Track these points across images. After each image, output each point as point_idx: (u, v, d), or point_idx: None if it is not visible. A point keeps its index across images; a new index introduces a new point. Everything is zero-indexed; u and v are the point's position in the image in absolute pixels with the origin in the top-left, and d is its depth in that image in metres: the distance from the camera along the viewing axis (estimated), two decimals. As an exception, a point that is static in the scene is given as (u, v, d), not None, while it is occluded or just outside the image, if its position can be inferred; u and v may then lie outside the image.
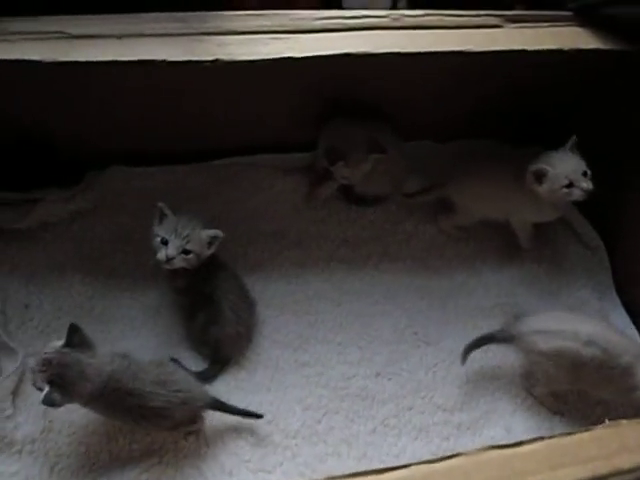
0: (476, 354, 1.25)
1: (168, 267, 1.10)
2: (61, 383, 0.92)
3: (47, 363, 0.93)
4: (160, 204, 1.11)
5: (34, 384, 0.94)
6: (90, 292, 1.24)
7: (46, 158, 1.21)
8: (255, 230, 1.34)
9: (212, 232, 1.12)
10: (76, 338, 0.96)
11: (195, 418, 1.09)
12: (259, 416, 1.11)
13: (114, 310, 1.23)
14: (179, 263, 1.10)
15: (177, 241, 1.08)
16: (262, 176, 1.38)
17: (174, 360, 1.18)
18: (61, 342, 0.95)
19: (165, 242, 1.09)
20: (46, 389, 0.91)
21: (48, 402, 0.92)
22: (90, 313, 1.22)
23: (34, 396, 1.11)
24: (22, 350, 1.13)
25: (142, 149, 1.30)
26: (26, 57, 0.99)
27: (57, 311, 1.21)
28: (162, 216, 1.12)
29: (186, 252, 1.09)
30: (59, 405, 0.93)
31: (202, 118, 1.24)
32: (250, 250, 1.32)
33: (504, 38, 1.12)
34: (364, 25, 1.09)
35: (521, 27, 1.14)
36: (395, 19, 1.10)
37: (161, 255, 1.09)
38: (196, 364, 1.20)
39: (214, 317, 1.16)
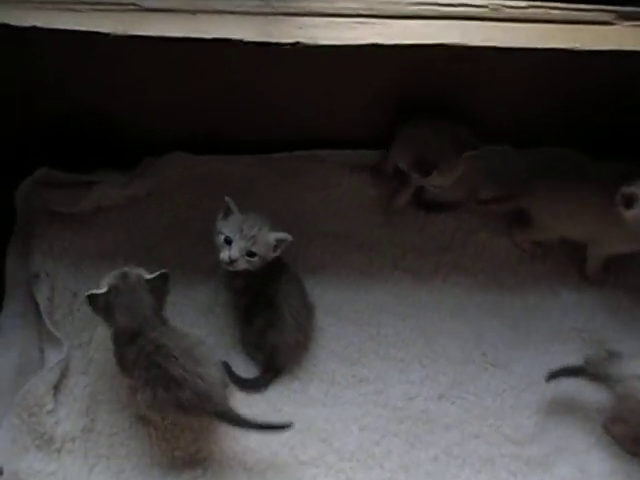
0: (548, 381, 1.16)
1: (230, 269, 1.02)
2: (114, 299, 0.95)
3: (123, 276, 0.97)
4: (227, 199, 1.04)
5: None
6: (140, 284, 1.18)
7: (104, 139, 1.16)
8: (316, 229, 1.25)
9: (280, 235, 1.04)
10: (159, 283, 0.98)
11: (200, 412, 0.99)
12: (284, 427, 1.00)
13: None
14: (242, 265, 1.02)
15: (242, 242, 1.01)
16: (327, 172, 1.28)
17: (224, 363, 1.11)
18: (147, 275, 0.98)
19: (229, 241, 1.01)
20: (103, 290, 0.95)
21: (92, 299, 0.94)
22: (138, 306, 1.15)
23: (77, 391, 1.07)
24: (67, 341, 1.08)
25: (203, 135, 1.22)
26: (94, 29, 0.95)
27: (105, 302, 1.15)
28: (227, 212, 1.04)
29: (250, 254, 1.02)
30: (97, 313, 0.97)
31: (270, 105, 1.16)
32: (310, 250, 1.24)
33: (615, 37, 1.01)
34: (460, 14, 1.00)
35: (636, 25, 1.02)
36: (494, 9, 1.01)
37: (224, 255, 1.01)
38: (247, 370, 1.13)
39: (273, 322, 1.08)
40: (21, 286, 1.12)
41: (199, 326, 1.15)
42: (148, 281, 0.98)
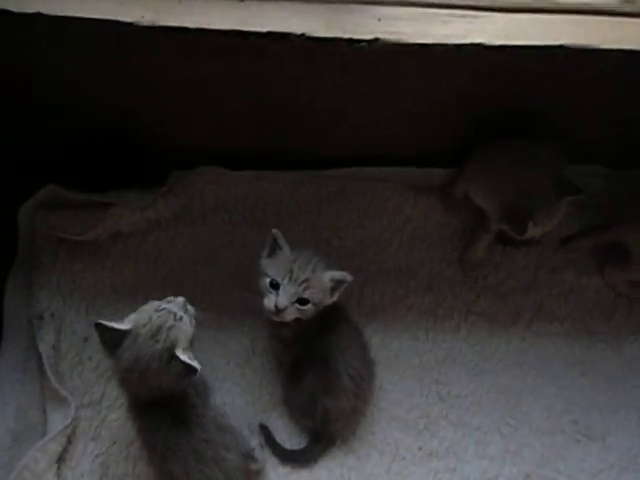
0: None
1: (277, 319, 0.83)
2: (128, 345, 0.78)
3: (154, 332, 0.78)
4: (275, 231, 0.87)
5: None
6: (163, 327, 1.01)
7: (124, 152, 1.03)
8: (374, 265, 1.09)
9: (338, 275, 0.87)
10: (182, 371, 0.77)
11: None
12: None
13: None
14: (291, 315, 0.85)
15: (292, 287, 0.83)
16: (388, 195, 1.12)
17: (263, 428, 0.96)
18: (181, 354, 0.77)
19: (276, 286, 0.82)
20: (121, 327, 0.79)
21: (101, 331, 0.78)
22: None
23: (85, 462, 0.93)
24: (75, 399, 0.93)
25: (242, 148, 1.07)
26: (114, 17, 0.78)
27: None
28: (274, 247, 0.86)
29: (302, 302, 0.83)
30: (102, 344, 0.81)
31: (325, 114, 1.00)
32: (367, 291, 1.07)
33: None
34: (585, 7, 0.82)
35: None
36: (628, 2, 0.82)
37: (269, 303, 0.83)
38: (291, 439, 0.97)
39: (327, 383, 0.92)
40: (22, 330, 0.98)
41: (234, 381, 1.00)
42: (174, 359, 0.76)
